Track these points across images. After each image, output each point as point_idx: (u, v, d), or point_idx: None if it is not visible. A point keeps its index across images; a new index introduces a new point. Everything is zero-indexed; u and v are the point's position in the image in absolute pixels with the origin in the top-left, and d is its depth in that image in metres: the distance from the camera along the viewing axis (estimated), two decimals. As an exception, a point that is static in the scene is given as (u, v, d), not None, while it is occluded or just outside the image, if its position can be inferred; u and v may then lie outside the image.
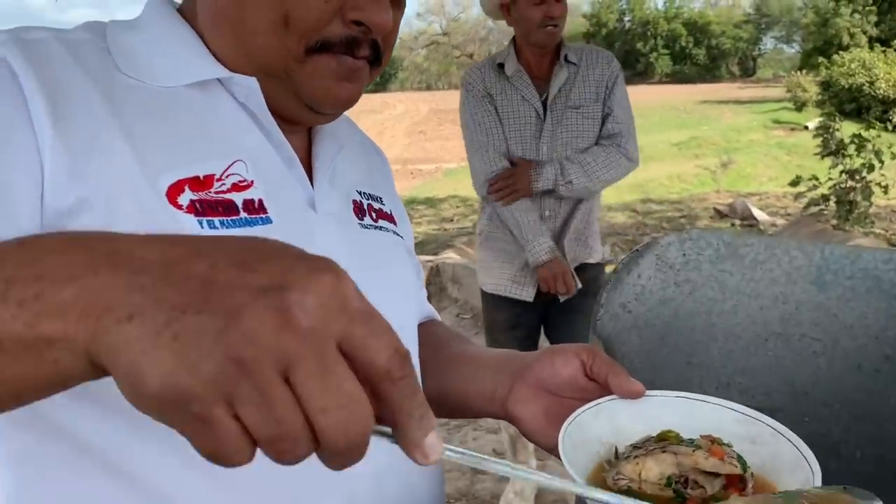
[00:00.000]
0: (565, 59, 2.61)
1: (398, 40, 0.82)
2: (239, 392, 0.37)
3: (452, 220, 11.18)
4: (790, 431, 0.66)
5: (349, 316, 0.40)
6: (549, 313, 2.79)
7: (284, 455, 0.39)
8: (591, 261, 2.75)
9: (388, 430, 0.43)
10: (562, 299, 2.67)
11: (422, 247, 8.83)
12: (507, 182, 2.59)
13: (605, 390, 0.75)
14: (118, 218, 0.63)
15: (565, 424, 0.67)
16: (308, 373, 0.38)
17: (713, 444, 0.65)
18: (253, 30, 0.72)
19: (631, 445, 0.69)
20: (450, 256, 7.03)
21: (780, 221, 9.23)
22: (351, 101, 0.78)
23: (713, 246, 0.87)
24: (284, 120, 0.78)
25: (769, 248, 0.85)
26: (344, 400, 0.39)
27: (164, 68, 0.73)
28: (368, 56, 0.75)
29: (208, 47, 0.76)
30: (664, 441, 0.67)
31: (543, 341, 2.94)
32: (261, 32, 0.71)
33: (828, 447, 0.83)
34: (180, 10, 0.79)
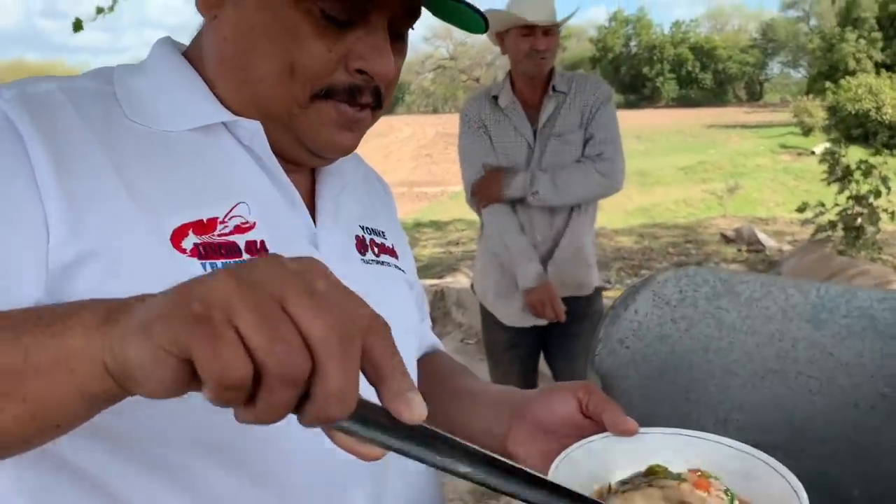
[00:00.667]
0: (553, 88, 2.65)
1: (405, 63, 0.84)
2: (239, 307, 0.40)
3: (458, 244, 11.20)
4: (782, 466, 0.66)
5: (330, 282, 0.45)
6: (547, 335, 2.81)
7: (283, 367, 0.40)
8: (584, 293, 2.76)
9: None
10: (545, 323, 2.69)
11: (427, 270, 8.83)
12: (481, 186, 2.68)
13: (600, 427, 0.75)
14: (123, 265, 0.64)
15: (556, 461, 0.68)
16: (299, 302, 0.41)
17: (700, 478, 0.66)
18: (260, 78, 0.73)
19: (619, 481, 0.69)
20: (454, 280, 7.03)
21: (787, 247, 9.21)
22: (350, 149, 0.80)
23: (709, 283, 0.88)
24: (287, 161, 0.80)
25: (765, 285, 0.86)
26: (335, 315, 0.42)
27: (170, 113, 0.75)
28: (370, 103, 0.77)
29: (213, 91, 0.77)
30: (652, 475, 0.68)
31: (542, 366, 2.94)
32: (267, 80, 0.73)
33: (825, 486, 0.83)
34: (186, 54, 0.81)
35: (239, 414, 0.42)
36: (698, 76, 60.58)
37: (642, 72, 60.87)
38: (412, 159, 23.22)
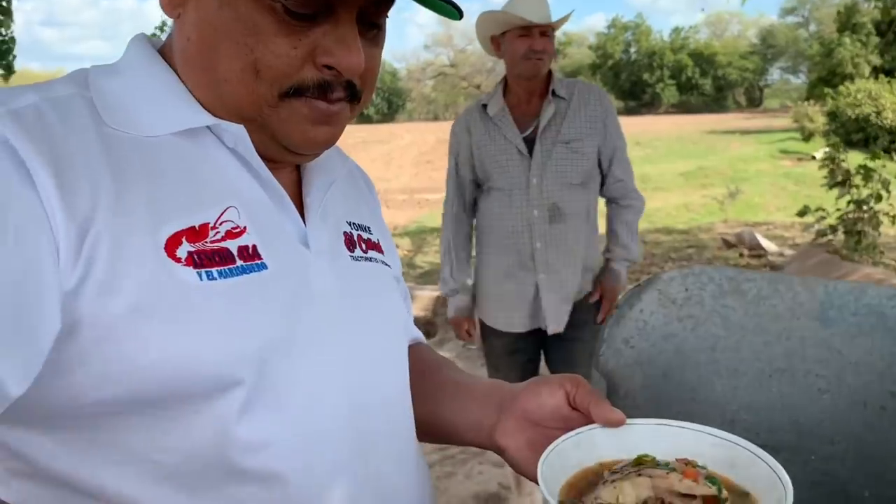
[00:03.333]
0: (553, 93, 2.65)
1: (405, 71, 0.83)
2: None
3: (459, 250, 11.17)
4: (765, 453, 0.66)
5: None
6: (547, 341, 2.80)
7: None
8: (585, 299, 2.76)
9: None
10: (551, 330, 2.68)
11: (428, 276, 8.81)
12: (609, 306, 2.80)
13: (588, 420, 0.75)
14: (121, 281, 0.63)
15: (545, 453, 0.68)
16: None
17: (687, 466, 0.67)
18: (225, 78, 0.71)
19: (609, 471, 0.69)
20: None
21: (788, 251, 9.19)
22: (329, 143, 0.78)
23: (715, 281, 0.86)
24: (269, 160, 0.77)
25: (772, 283, 0.84)
26: None
27: (150, 117, 0.72)
28: (344, 97, 0.74)
29: (191, 91, 0.75)
30: (640, 465, 0.68)
31: (543, 368, 2.93)
32: (232, 81, 0.71)
33: (836, 488, 0.82)
34: (161, 52, 0.78)
35: None
36: (698, 82, 60.70)
37: (642, 78, 60.99)
38: (413, 166, 23.23)
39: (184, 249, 0.67)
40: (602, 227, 2.83)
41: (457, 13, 0.76)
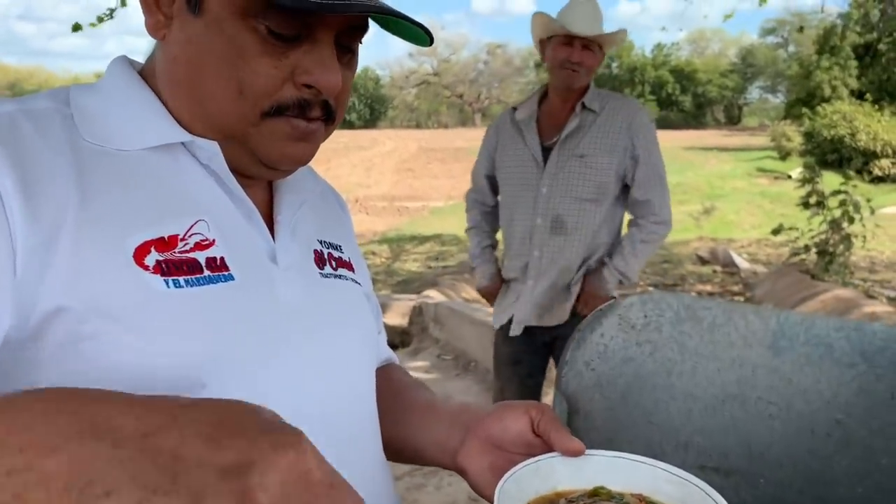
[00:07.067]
0: (583, 106, 2.62)
1: (389, 78, 0.86)
2: None
3: (438, 259, 11.21)
4: (717, 493, 0.68)
5: (311, 492, 0.44)
6: (555, 351, 2.82)
7: None
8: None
9: None
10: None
11: (406, 285, 8.82)
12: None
13: (549, 447, 0.77)
14: (86, 284, 0.64)
15: (503, 479, 0.69)
16: None
17: (641, 502, 0.69)
18: (210, 97, 0.74)
19: (565, 500, 0.71)
20: (432, 296, 7.03)
21: (761, 269, 9.32)
22: (305, 160, 0.81)
23: (673, 308, 0.89)
24: (243, 176, 0.80)
25: (727, 312, 0.87)
26: None
27: (127, 133, 0.75)
28: (321, 116, 0.78)
29: (168, 109, 0.78)
30: (595, 496, 0.70)
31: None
32: (217, 99, 0.74)
33: (781, 509, 0.85)
34: (142, 73, 0.81)
35: None
36: (678, 99, 61.32)
37: (623, 93, 61.43)
38: (394, 173, 23.24)
39: (152, 258, 0.69)
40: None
41: (427, 39, 0.79)
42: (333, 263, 0.90)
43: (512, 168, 2.75)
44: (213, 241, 0.74)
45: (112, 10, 5.60)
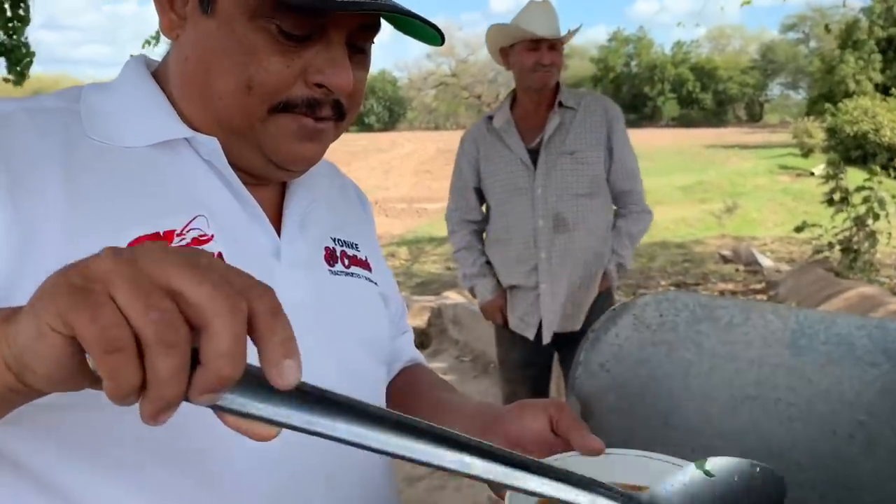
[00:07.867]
0: (559, 104, 2.68)
1: (407, 80, 0.86)
2: (116, 279, 0.40)
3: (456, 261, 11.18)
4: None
5: (214, 259, 0.44)
6: (564, 353, 2.84)
7: (158, 331, 0.39)
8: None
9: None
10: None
11: (425, 286, 8.82)
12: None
13: (569, 446, 0.76)
14: None
15: None
16: (181, 273, 0.41)
17: None
18: (219, 95, 0.75)
19: None
20: (451, 297, 7.01)
21: (785, 267, 9.20)
22: (313, 160, 0.81)
23: (689, 307, 0.87)
24: (254, 176, 0.81)
25: (744, 311, 0.85)
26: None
27: (131, 129, 0.76)
28: (331, 116, 0.78)
29: (177, 108, 0.79)
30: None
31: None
32: (226, 98, 0.74)
33: (803, 514, 0.82)
34: (156, 73, 0.83)
35: (140, 408, 0.41)
36: (698, 96, 60.87)
37: (643, 91, 61.14)
38: (413, 175, 23.27)
39: None
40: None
41: (439, 38, 0.78)
42: (346, 261, 0.90)
43: (501, 175, 2.76)
44: (212, 236, 0.74)
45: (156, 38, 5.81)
